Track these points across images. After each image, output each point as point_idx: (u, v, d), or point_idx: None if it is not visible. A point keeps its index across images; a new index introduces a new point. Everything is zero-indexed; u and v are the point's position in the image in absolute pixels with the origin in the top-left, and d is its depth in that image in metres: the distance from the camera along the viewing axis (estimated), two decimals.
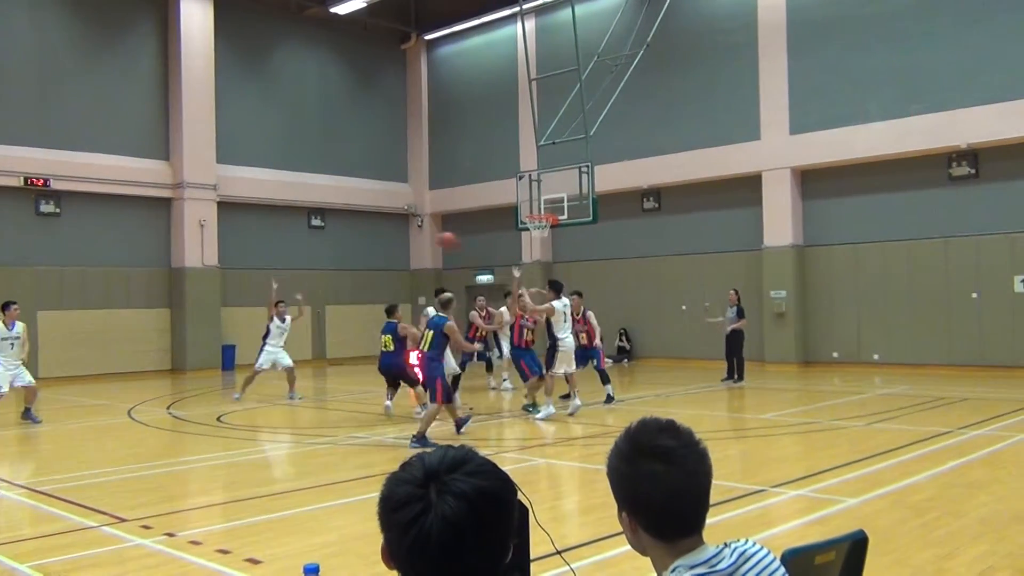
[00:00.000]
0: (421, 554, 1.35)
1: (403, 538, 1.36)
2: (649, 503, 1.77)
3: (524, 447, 10.39)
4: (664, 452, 1.77)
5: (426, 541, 1.35)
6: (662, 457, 1.76)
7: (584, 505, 7.59)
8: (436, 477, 1.40)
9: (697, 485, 1.79)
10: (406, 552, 1.36)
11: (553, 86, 20.69)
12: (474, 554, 1.37)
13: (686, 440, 1.81)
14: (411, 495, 1.38)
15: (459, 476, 1.40)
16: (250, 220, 24.52)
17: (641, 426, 1.85)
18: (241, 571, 5.60)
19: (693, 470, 1.78)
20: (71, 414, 15.35)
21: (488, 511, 1.39)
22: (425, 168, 28.42)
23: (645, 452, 1.78)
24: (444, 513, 1.35)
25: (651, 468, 1.76)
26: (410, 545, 1.36)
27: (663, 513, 1.78)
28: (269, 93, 25.27)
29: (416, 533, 1.35)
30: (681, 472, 1.77)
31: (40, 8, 21.17)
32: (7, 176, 20.22)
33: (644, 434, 1.82)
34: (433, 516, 1.35)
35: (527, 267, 24.95)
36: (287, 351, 16.46)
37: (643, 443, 1.80)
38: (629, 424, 1.88)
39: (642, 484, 1.77)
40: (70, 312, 21.30)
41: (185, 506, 8.17)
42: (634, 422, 1.88)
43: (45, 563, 5.86)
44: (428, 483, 1.39)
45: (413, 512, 1.36)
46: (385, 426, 12.49)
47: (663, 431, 1.82)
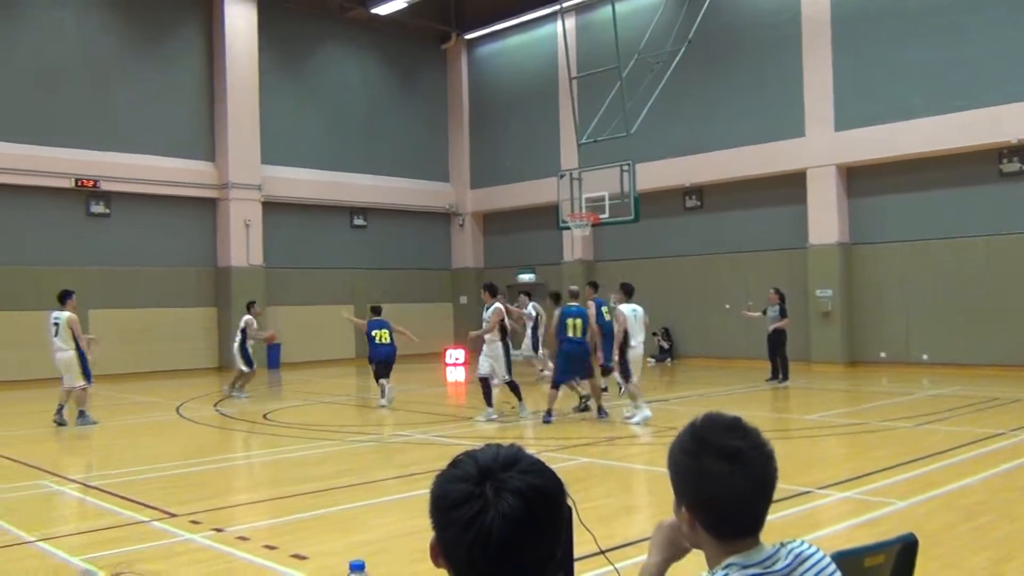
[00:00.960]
0: (482, 552, 1.35)
1: (462, 536, 1.36)
2: (712, 502, 1.74)
3: (564, 446, 10.38)
4: (732, 453, 1.73)
5: (487, 539, 1.35)
6: (729, 458, 1.72)
7: (628, 505, 7.56)
8: (491, 475, 1.40)
9: (762, 488, 1.75)
10: (466, 551, 1.37)
11: (594, 84, 20.63)
12: (531, 551, 1.38)
13: (754, 441, 1.77)
14: (468, 493, 1.38)
15: (514, 474, 1.40)
16: (293, 220, 24.81)
17: (708, 422, 1.80)
18: (288, 567, 5.67)
19: (760, 472, 1.75)
20: (122, 411, 15.65)
21: (543, 509, 1.39)
22: (466, 167, 28.51)
23: (711, 450, 1.74)
24: (503, 511, 1.36)
25: (717, 468, 1.72)
26: (471, 544, 1.36)
27: (726, 513, 1.75)
28: (311, 94, 25.54)
29: (476, 531, 1.35)
30: (748, 474, 1.73)
31: (89, 14, 21.63)
32: (59, 178, 20.70)
33: (711, 431, 1.78)
34: (493, 514, 1.35)
35: (568, 265, 24.94)
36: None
37: (710, 441, 1.76)
38: (694, 419, 1.84)
39: (706, 483, 1.74)
40: (120, 311, 21.73)
41: (232, 502, 8.30)
42: (699, 416, 1.84)
43: (98, 556, 5.99)
44: (484, 481, 1.39)
45: (472, 510, 1.36)
46: (428, 424, 12.56)
47: (731, 430, 1.77)
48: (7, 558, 6.12)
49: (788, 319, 17.06)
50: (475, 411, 13.11)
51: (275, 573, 5.60)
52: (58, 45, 21.05)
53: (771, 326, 16.93)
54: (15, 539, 6.57)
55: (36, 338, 20.45)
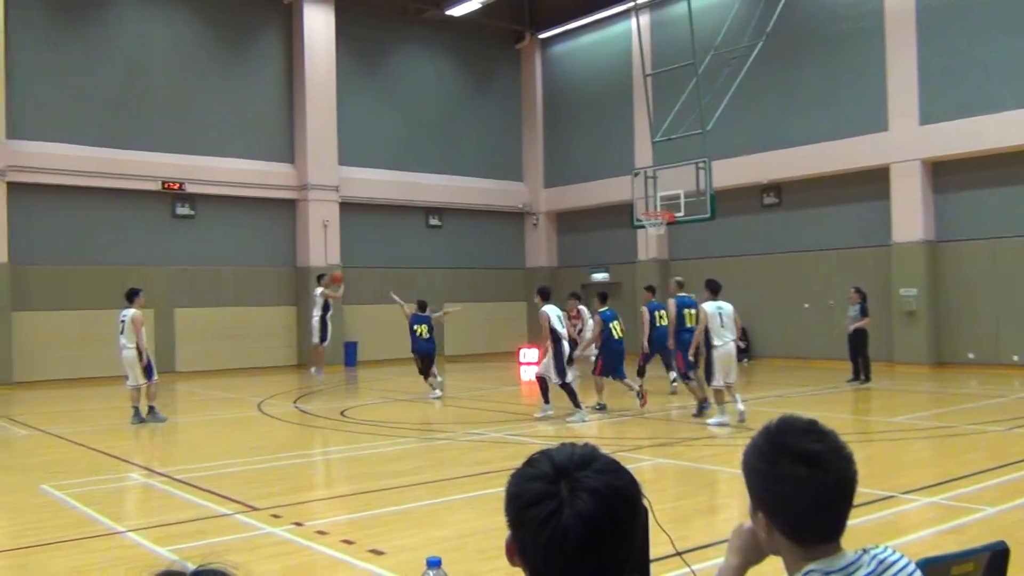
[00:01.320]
0: (559, 551, 1.35)
1: (539, 535, 1.37)
2: (790, 507, 1.70)
3: (639, 447, 10.30)
4: (810, 456, 1.69)
5: (563, 538, 1.35)
6: (807, 461, 1.68)
7: (704, 506, 7.47)
8: (567, 474, 1.40)
9: (842, 492, 1.71)
10: (542, 549, 1.37)
11: (668, 81, 20.41)
12: (607, 551, 1.37)
13: (832, 444, 1.73)
14: (544, 492, 1.38)
15: (590, 473, 1.40)
16: (370, 220, 25.19)
17: (783, 425, 1.76)
18: (365, 561, 5.76)
19: (839, 476, 1.70)
20: (206, 407, 16.13)
21: (619, 509, 1.39)
22: (540, 166, 28.53)
23: (788, 454, 1.70)
24: (579, 510, 1.36)
25: (794, 472, 1.68)
26: (547, 542, 1.36)
27: (805, 519, 1.70)
28: (387, 95, 25.89)
29: (553, 530, 1.35)
30: (827, 478, 1.69)
31: (175, 23, 22.34)
32: (146, 180, 21.43)
33: (787, 435, 1.74)
34: (569, 513, 1.35)
35: (642, 264, 24.74)
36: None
37: (786, 444, 1.72)
38: (768, 422, 1.80)
39: (784, 488, 1.70)
40: (204, 310, 22.40)
41: (312, 497, 8.47)
42: (774, 420, 1.80)
43: (183, 548, 6.18)
44: (559, 480, 1.39)
45: (548, 509, 1.37)
46: (501, 423, 12.61)
47: (808, 433, 1.73)
48: (98, 548, 6.37)
49: (869, 318, 16.62)
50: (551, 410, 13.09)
51: (353, 567, 5.70)
52: (146, 54, 21.79)
53: (852, 326, 16.50)
54: (106, 530, 6.82)
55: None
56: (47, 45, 20.52)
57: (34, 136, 20.11)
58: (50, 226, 20.36)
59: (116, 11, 21.50)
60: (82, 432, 12.41)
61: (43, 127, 20.24)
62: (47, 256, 20.32)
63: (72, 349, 20.44)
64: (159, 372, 21.79)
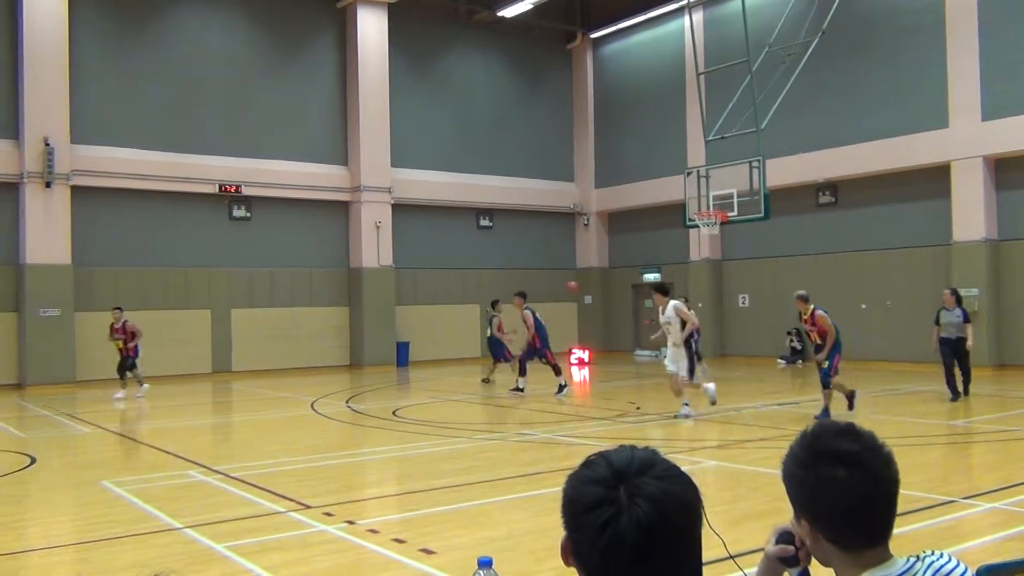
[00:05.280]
0: (616, 557, 1.34)
1: (596, 540, 1.35)
2: (831, 511, 1.68)
3: (693, 448, 10.20)
4: (846, 456, 1.66)
5: (620, 544, 1.33)
6: (844, 461, 1.66)
7: (757, 510, 7.37)
8: (626, 479, 1.38)
9: (883, 491, 1.67)
10: (599, 555, 1.35)
11: (722, 79, 20.20)
12: (664, 558, 1.36)
13: (869, 443, 1.70)
14: (603, 497, 1.37)
15: (649, 479, 1.38)
16: (422, 221, 25.36)
17: (819, 429, 1.75)
18: (416, 560, 5.79)
19: (878, 475, 1.67)
20: (261, 406, 16.39)
21: (678, 516, 1.37)
22: (591, 167, 28.44)
23: (825, 457, 1.68)
24: (638, 517, 1.34)
25: (832, 473, 1.66)
26: (604, 548, 1.34)
27: (847, 521, 1.67)
28: (439, 97, 26.04)
29: (610, 536, 1.34)
30: (865, 477, 1.66)
31: (231, 27, 22.76)
32: (204, 184, 21.86)
33: (823, 438, 1.72)
34: (626, 519, 1.34)
35: (695, 265, 24.52)
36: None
37: (823, 447, 1.69)
38: (805, 428, 1.79)
39: (823, 491, 1.67)
40: (259, 310, 22.78)
41: (363, 496, 8.55)
42: (810, 425, 1.79)
43: (239, 544, 6.28)
44: (618, 485, 1.37)
45: (606, 515, 1.35)
46: (552, 424, 12.60)
47: (843, 434, 1.71)
48: (157, 543, 6.51)
49: (970, 324, 14.12)
50: (597, 410, 13.05)
51: (404, 566, 5.74)
52: (203, 59, 22.24)
53: (954, 334, 13.93)
54: (165, 525, 6.97)
55: (184, 335, 21.75)
56: (109, 52, 21.06)
57: (96, 141, 20.66)
58: (111, 229, 20.89)
59: (175, 18, 21.97)
60: (140, 429, 12.70)
61: (105, 132, 20.78)
62: (109, 258, 20.85)
63: None
64: (216, 371, 22.36)
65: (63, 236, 19.86)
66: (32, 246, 19.48)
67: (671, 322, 12.71)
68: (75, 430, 13.40)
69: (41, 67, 19.65)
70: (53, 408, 15.72)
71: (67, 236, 19.93)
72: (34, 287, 19.44)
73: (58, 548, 6.76)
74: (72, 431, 13.32)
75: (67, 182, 19.91)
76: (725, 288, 24.29)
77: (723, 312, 24.28)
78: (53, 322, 19.64)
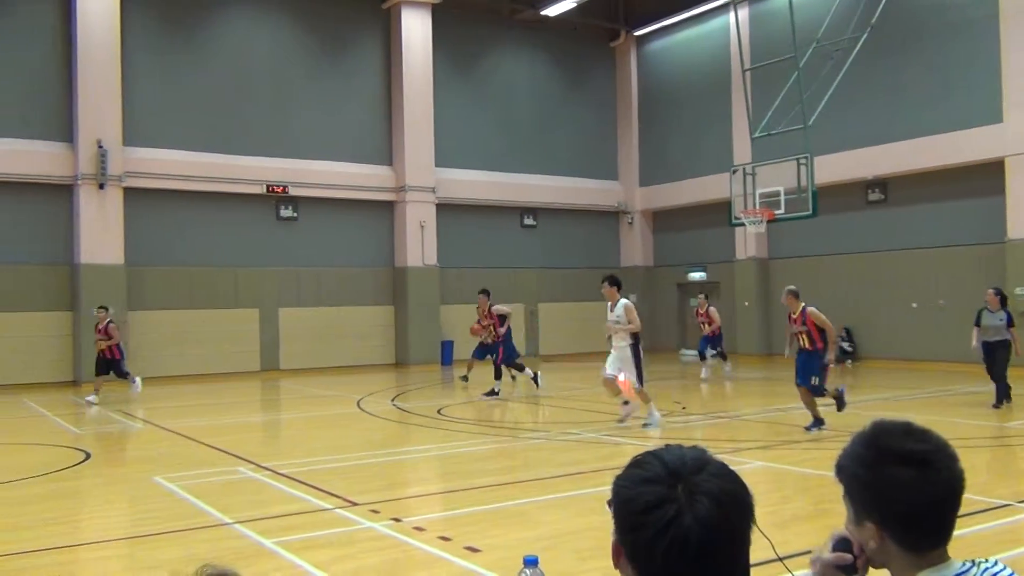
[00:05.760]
0: (679, 557, 1.32)
1: (658, 541, 1.33)
2: (903, 512, 1.64)
3: (738, 448, 10.10)
4: (917, 457, 1.63)
5: (684, 544, 1.32)
6: (915, 462, 1.63)
7: (806, 511, 7.28)
8: (683, 477, 1.36)
9: (952, 491, 1.65)
10: (661, 556, 1.33)
11: (768, 76, 19.96)
12: (725, 556, 1.35)
13: (937, 442, 1.67)
14: (662, 496, 1.35)
15: (706, 477, 1.37)
16: (466, 220, 25.45)
17: (881, 430, 1.71)
18: (461, 558, 5.82)
19: (948, 475, 1.64)
20: (308, 404, 16.58)
21: (736, 513, 1.36)
22: (635, 165, 28.30)
23: (892, 457, 1.65)
24: (700, 515, 1.32)
25: (902, 475, 1.63)
26: (666, 548, 1.32)
27: (920, 522, 1.64)
28: (483, 97, 26.11)
29: (673, 535, 1.32)
30: (937, 478, 1.63)
31: (277, 29, 23.05)
32: (252, 184, 22.18)
33: (888, 438, 1.68)
34: (690, 518, 1.32)
35: (741, 263, 24.28)
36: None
37: (890, 447, 1.66)
38: (862, 428, 1.75)
39: (893, 492, 1.64)
40: (306, 309, 23.05)
41: (409, 493, 8.61)
42: (867, 425, 1.75)
43: (287, 540, 6.37)
44: (675, 483, 1.36)
45: (668, 514, 1.33)
46: (594, 423, 12.56)
47: (909, 434, 1.68)
48: (208, 538, 6.62)
49: (1014, 327, 13.34)
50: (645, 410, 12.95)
51: (450, 564, 5.77)
52: (250, 61, 22.56)
53: (993, 337, 13.20)
54: (215, 521, 7.09)
55: (233, 334, 22.10)
56: (158, 55, 21.46)
57: (147, 143, 21.06)
58: (162, 229, 21.29)
59: (222, 21, 22.32)
60: (192, 426, 12.92)
61: (155, 134, 21.18)
62: (160, 257, 21.25)
63: (182, 347, 21.33)
64: (264, 369, 22.65)
65: (116, 236, 20.29)
66: (86, 246, 19.93)
67: (620, 321, 11.97)
68: (128, 426, 13.69)
69: (94, 72, 20.09)
70: (106, 404, 16.06)
71: (120, 236, 20.35)
72: (88, 286, 19.88)
73: (111, 542, 6.91)
74: (125, 427, 13.61)
75: (119, 183, 20.33)
76: (772, 287, 23.99)
77: (770, 311, 24.00)
78: None
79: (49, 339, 19.92)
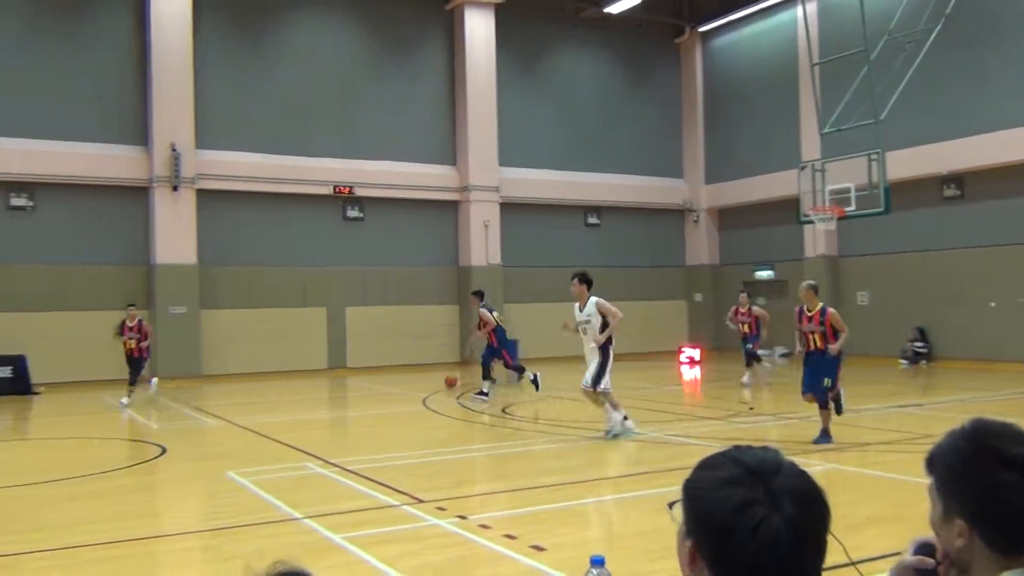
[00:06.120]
0: (770, 559, 1.30)
1: (748, 544, 1.30)
2: (1002, 515, 1.60)
3: (806, 450, 9.92)
4: (1020, 461, 1.60)
5: (774, 545, 1.30)
6: (1018, 467, 1.59)
7: (880, 515, 7.11)
8: (764, 479, 1.35)
9: None
10: (751, 559, 1.30)
11: (838, 70, 19.54)
12: (809, 558, 1.34)
13: None
14: (749, 498, 1.32)
15: (784, 478, 1.35)
16: (529, 219, 25.48)
17: (983, 428, 1.68)
18: (527, 557, 5.84)
19: None
20: (374, 401, 16.80)
21: (819, 513, 1.35)
22: (701, 162, 27.99)
23: (995, 459, 1.61)
24: (789, 516, 1.31)
25: (1006, 478, 1.59)
26: (757, 551, 1.30)
27: (1016, 527, 1.60)
28: (546, 96, 26.11)
29: (763, 537, 1.30)
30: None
31: (343, 32, 23.40)
32: (319, 185, 22.56)
33: (992, 438, 1.65)
34: (778, 519, 1.30)
35: (810, 262, 23.83)
36: None
37: (998, 449, 1.63)
38: (962, 425, 1.72)
39: (994, 494, 1.60)
40: (372, 308, 23.37)
41: (475, 491, 8.67)
42: (967, 423, 1.71)
43: (355, 535, 6.47)
44: (757, 485, 1.34)
45: (757, 516, 1.31)
46: (662, 423, 12.47)
47: (1012, 437, 1.64)
48: (279, 532, 6.76)
49: None
50: (708, 409, 12.84)
51: (515, 562, 5.79)
52: (316, 64, 22.94)
53: None
54: (286, 515, 7.24)
55: (301, 332, 22.51)
56: (228, 60, 21.97)
57: (218, 145, 21.59)
58: (232, 230, 21.79)
59: (290, 25, 22.74)
60: (262, 422, 13.20)
61: (226, 137, 21.69)
62: (231, 257, 21.76)
63: (252, 344, 21.81)
64: (331, 367, 23.00)
65: (189, 237, 20.85)
66: (161, 247, 20.52)
67: (591, 320, 11.03)
68: (201, 422, 14.05)
69: (168, 77, 20.67)
70: (181, 401, 16.51)
71: (192, 237, 20.90)
72: (163, 286, 20.48)
73: (189, 534, 7.11)
74: (199, 423, 13.97)
75: (192, 186, 20.88)
76: (843, 285, 23.50)
77: (841, 310, 23.40)
78: (181, 319, 20.64)
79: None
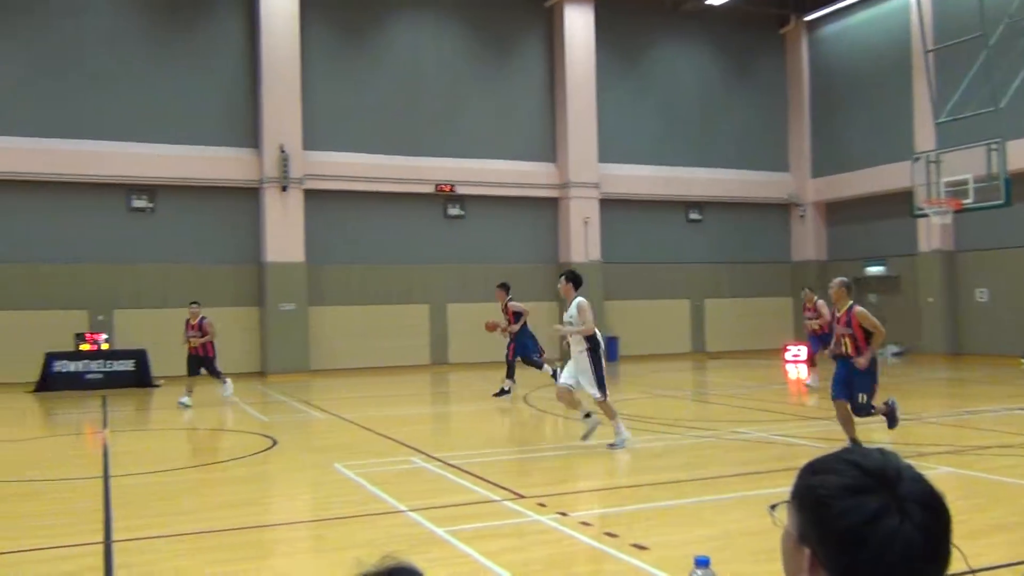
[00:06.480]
0: (906, 568, 1.27)
1: (883, 553, 1.26)
2: None
3: (920, 453, 9.54)
4: None
5: (909, 554, 1.26)
6: None
7: (1002, 522, 6.78)
8: (888, 484, 1.31)
9: None
10: (886, 569, 1.27)
11: (953, 56, 18.70)
12: (942, 563, 1.30)
13: None
14: (881, 506, 1.28)
15: (908, 483, 1.31)
16: (629, 216, 25.29)
17: None
18: (628, 555, 5.80)
19: None
20: (476, 397, 16.98)
21: (944, 518, 1.31)
22: (807, 155, 27.22)
23: None
24: (921, 523, 1.27)
25: None
26: (894, 560, 1.26)
27: None
28: (646, 91, 25.85)
29: (900, 546, 1.26)
30: None
31: (443, 32, 23.69)
32: (421, 184, 22.94)
33: None
34: (910, 527, 1.27)
35: (924, 256, 22.89)
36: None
37: None
38: None
39: None
40: (474, 305, 23.57)
41: (575, 488, 8.66)
42: None
43: (458, 529, 6.55)
44: (883, 491, 1.30)
45: (890, 524, 1.27)
46: (767, 423, 12.20)
47: None
48: (384, 524, 6.91)
49: None
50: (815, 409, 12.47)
51: (617, 560, 5.76)
52: (418, 65, 23.32)
53: None
54: (391, 508, 7.39)
55: (404, 328, 22.93)
56: (334, 63, 22.55)
57: (324, 146, 22.19)
58: (338, 228, 22.38)
59: (392, 26, 23.18)
60: (368, 417, 13.52)
61: (331, 138, 22.27)
62: (336, 255, 22.35)
63: (357, 340, 22.34)
64: (434, 363, 23.33)
65: (298, 236, 21.51)
66: (272, 246, 21.24)
67: (573, 322, 10.42)
68: (310, 415, 14.48)
69: (277, 81, 21.36)
70: (290, 395, 17.05)
71: (300, 236, 21.56)
72: (274, 284, 21.20)
73: (299, 524, 7.35)
74: (308, 416, 14.40)
75: (300, 186, 21.52)
76: (960, 282, 22.49)
77: (958, 307, 22.50)
78: (290, 316, 21.31)
79: (240, 333, 21.33)
